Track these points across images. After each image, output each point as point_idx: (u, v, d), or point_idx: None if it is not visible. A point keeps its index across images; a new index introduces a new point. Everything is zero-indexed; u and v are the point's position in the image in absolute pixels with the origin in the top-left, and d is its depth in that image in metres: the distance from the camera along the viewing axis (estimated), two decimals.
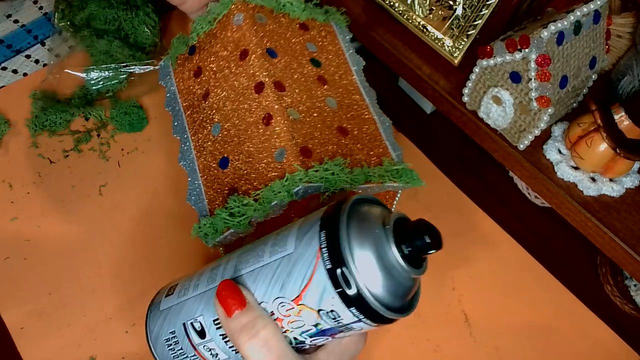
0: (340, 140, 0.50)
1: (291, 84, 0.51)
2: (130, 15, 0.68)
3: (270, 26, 0.53)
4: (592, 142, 0.47)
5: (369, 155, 0.51)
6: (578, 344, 0.56)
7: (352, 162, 0.49)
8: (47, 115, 0.65)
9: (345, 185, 0.46)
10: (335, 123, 0.51)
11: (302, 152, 0.46)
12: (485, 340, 0.55)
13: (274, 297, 0.30)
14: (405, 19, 0.58)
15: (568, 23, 0.45)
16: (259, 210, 0.45)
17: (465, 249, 0.61)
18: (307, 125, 0.49)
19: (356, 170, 0.47)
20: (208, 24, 0.55)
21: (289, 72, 0.52)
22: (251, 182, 0.47)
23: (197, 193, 0.50)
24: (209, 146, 0.52)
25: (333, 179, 0.45)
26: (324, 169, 0.45)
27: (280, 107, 0.48)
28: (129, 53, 0.67)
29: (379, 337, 0.55)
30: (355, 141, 0.51)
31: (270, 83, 0.49)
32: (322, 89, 0.53)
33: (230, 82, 0.52)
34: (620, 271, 0.60)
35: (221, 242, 0.48)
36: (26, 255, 0.58)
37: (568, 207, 0.50)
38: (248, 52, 0.51)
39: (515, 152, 0.52)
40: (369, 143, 0.52)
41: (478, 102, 0.53)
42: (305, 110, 0.50)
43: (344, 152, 0.49)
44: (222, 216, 0.46)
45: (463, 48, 0.55)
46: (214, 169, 0.50)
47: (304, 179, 0.44)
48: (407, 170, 0.51)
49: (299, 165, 0.45)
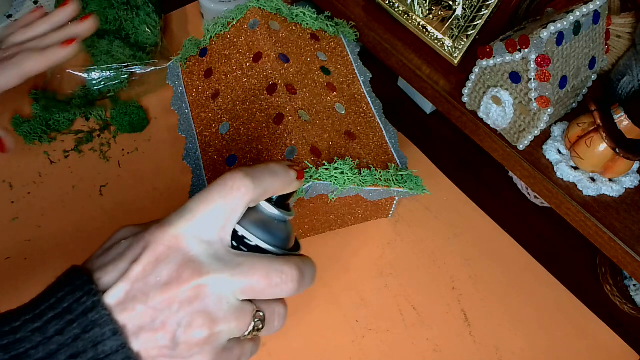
0: (348, 143, 0.51)
1: (302, 87, 0.52)
2: (131, 15, 0.68)
3: (283, 33, 0.54)
4: (591, 142, 0.47)
5: (375, 160, 0.52)
6: (577, 343, 0.56)
7: (360, 164, 0.50)
8: (51, 114, 0.66)
9: (353, 185, 0.47)
10: (343, 127, 0.52)
11: (313, 151, 0.47)
12: (485, 340, 0.55)
13: None
14: (405, 19, 0.59)
15: (567, 23, 0.45)
16: None
17: (464, 249, 0.61)
18: (317, 127, 0.50)
19: (365, 172, 0.49)
20: (222, 27, 0.57)
21: (300, 76, 0.53)
22: None
23: (200, 189, 0.50)
24: (217, 144, 0.52)
25: (342, 178, 0.46)
26: (334, 168, 0.46)
27: (292, 108, 0.49)
28: (130, 53, 0.67)
29: (378, 336, 0.55)
30: (363, 146, 0.52)
31: (283, 85, 0.51)
32: (331, 95, 0.54)
33: (242, 83, 0.53)
34: (620, 271, 0.60)
35: None
36: (26, 255, 0.58)
37: (567, 207, 0.50)
38: (262, 55, 0.52)
39: (515, 152, 0.52)
40: (376, 149, 0.53)
41: (478, 103, 0.53)
42: (315, 113, 0.51)
43: (353, 155, 0.50)
44: None
45: (463, 48, 0.55)
46: (220, 165, 0.51)
47: (315, 175, 0.45)
48: (412, 177, 0.52)
49: (310, 163, 0.46)
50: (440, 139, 0.70)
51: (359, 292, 0.57)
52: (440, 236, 0.62)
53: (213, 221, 0.27)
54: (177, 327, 0.26)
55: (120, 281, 0.26)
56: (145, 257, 0.26)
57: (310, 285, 0.30)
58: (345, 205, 0.56)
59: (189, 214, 0.27)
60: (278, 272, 0.28)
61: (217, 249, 0.27)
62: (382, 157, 0.53)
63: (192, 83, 0.58)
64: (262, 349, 0.53)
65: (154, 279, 0.26)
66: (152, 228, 0.28)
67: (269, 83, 0.51)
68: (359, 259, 0.60)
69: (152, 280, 0.26)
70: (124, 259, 0.27)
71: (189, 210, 0.28)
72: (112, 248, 0.28)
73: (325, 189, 0.47)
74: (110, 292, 0.26)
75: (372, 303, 0.57)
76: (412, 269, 0.59)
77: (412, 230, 0.62)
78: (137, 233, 0.28)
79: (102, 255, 0.28)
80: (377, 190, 0.50)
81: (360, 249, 0.60)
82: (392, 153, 0.54)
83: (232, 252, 0.28)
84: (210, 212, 0.27)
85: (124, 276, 0.26)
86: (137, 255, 0.27)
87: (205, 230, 0.27)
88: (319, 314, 0.56)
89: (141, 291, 0.26)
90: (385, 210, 0.61)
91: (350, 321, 0.55)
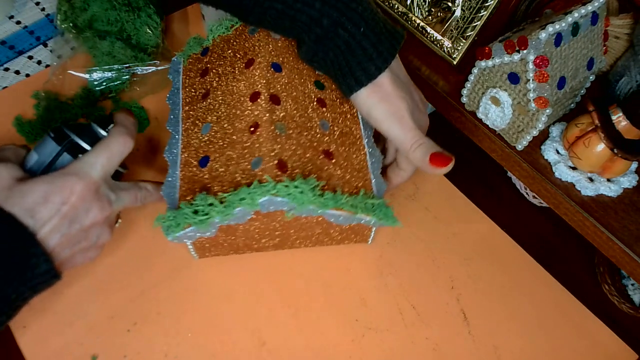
0: (322, 162, 0.50)
1: (288, 99, 0.51)
2: (132, 16, 0.69)
3: (282, 42, 0.54)
4: (589, 142, 0.47)
5: (348, 184, 0.50)
6: (576, 342, 0.56)
7: (327, 185, 0.48)
8: (52, 115, 0.66)
9: (312, 206, 0.45)
10: (322, 146, 0.51)
11: (279, 166, 0.46)
12: (484, 339, 0.56)
13: None
14: (405, 21, 0.59)
15: (566, 24, 0.45)
16: (222, 213, 0.45)
17: (463, 249, 0.61)
18: (292, 141, 0.49)
19: (328, 194, 0.47)
20: (225, 29, 0.57)
21: (289, 88, 0.52)
22: (223, 185, 0.47)
23: (172, 185, 0.50)
24: (195, 143, 0.52)
25: (301, 197, 0.44)
26: (294, 186, 0.45)
27: (269, 119, 0.49)
28: (131, 54, 0.67)
29: (378, 336, 0.55)
30: (338, 167, 0.50)
31: (267, 94, 0.50)
32: (320, 110, 0.53)
33: (230, 87, 0.53)
34: (618, 270, 0.61)
35: (181, 237, 0.48)
36: None
37: (566, 207, 0.50)
38: (254, 61, 0.52)
39: (514, 152, 0.52)
40: (353, 172, 0.51)
41: (477, 103, 0.53)
42: (294, 127, 0.50)
43: (322, 175, 0.49)
44: (185, 211, 0.47)
45: (462, 49, 0.55)
46: (193, 166, 0.51)
47: (272, 191, 0.44)
48: (382, 206, 0.50)
49: (271, 177, 0.45)
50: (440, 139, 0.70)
51: (358, 292, 0.57)
52: (440, 236, 0.62)
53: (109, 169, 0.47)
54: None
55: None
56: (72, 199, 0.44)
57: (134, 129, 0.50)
58: (318, 225, 0.54)
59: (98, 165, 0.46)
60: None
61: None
62: (357, 182, 0.51)
63: (189, 80, 0.58)
64: (261, 348, 0.53)
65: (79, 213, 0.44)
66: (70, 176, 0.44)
67: (254, 91, 0.51)
68: (359, 258, 0.60)
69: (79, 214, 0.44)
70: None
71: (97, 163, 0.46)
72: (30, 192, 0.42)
73: (284, 205, 0.45)
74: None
75: (372, 302, 0.57)
76: (412, 269, 0.60)
77: (412, 230, 0.62)
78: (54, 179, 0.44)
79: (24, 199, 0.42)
80: (343, 215, 0.48)
81: (359, 249, 0.60)
82: (371, 179, 0.51)
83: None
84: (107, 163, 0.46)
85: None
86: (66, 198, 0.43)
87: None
88: (318, 314, 0.56)
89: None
90: (364, 236, 0.59)
91: (350, 320, 0.56)
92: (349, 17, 0.44)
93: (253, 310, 0.55)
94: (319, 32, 0.46)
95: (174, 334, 0.53)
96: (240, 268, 0.58)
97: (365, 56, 0.45)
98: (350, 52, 0.45)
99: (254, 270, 0.58)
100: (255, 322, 0.55)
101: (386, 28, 0.46)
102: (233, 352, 0.53)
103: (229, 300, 0.56)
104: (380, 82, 0.46)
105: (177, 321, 0.54)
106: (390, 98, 0.46)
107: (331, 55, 0.46)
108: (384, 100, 0.46)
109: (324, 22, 0.45)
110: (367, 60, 0.45)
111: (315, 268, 0.58)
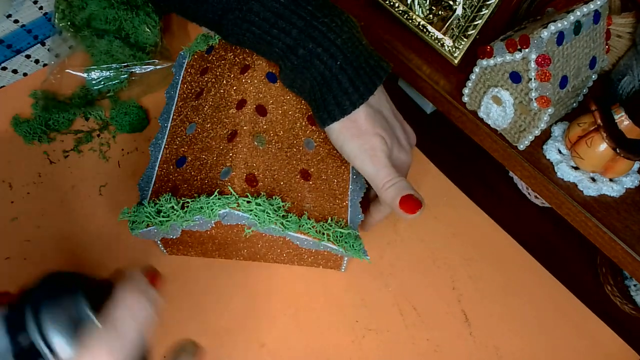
0: (297, 182, 0.48)
1: (275, 112, 0.50)
2: (130, 15, 0.68)
3: None
4: (592, 142, 0.47)
5: (320, 208, 0.49)
6: (577, 343, 0.56)
7: (295, 207, 0.47)
8: (50, 114, 0.66)
9: (274, 227, 0.44)
10: (301, 164, 0.50)
11: (248, 179, 0.45)
12: (485, 340, 0.55)
13: None
14: (405, 19, 0.58)
15: (568, 23, 0.45)
16: (182, 218, 0.45)
17: (464, 249, 0.61)
18: (269, 155, 0.48)
19: (291, 216, 0.45)
20: None
21: (280, 100, 0.51)
22: (190, 190, 0.47)
23: (147, 180, 0.50)
24: (178, 142, 0.52)
25: (262, 216, 0.44)
26: (256, 203, 0.44)
27: (249, 129, 0.48)
28: (130, 53, 0.67)
29: (378, 337, 0.55)
30: (313, 189, 0.49)
31: (253, 104, 0.49)
32: (308, 128, 0.52)
33: (222, 91, 0.52)
34: (620, 271, 0.60)
35: (145, 234, 0.48)
36: (26, 255, 0.58)
37: (568, 207, 0.50)
38: (249, 68, 0.51)
39: (515, 152, 0.52)
40: (329, 197, 0.50)
41: (478, 102, 0.53)
42: (275, 141, 0.49)
43: (293, 196, 0.47)
44: (147, 210, 0.46)
45: (463, 48, 0.55)
46: (171, 164, 0.50)
47: (232, 204, 0.43)
48: (351, 237, 0.48)
49: (236, 190, 0.44)
50: (440, 139, 0.70)
51: (359, 292, 0.57)
52: (440, 236, 0.62)
53: None
54: None
55: None
56: None
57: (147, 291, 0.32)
58: (286, 245, 0.53)
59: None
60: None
61: None
62: (330, 209, 0.49)
63: (189, 77, 0.58)
64: (261, 349, 0.53)
65: None
66: None
67: (241, 98, 0.50)
68: (359, 259, 0.59)
69: None
70: None
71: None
72: None
73: (243, 220, 0.45)
74: None
75: (372, 303, 0.57)
76: (412, 269, 0.59)
77: (412, 230, 0.62)
78: None
79: None
80: (307, 239, 0.47)
81: None
82: (347, 206, 0.50)
83: None
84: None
85: None
86: None
87: None
88: (319, 314, 0.55)
89: None
90: (337, 262, 0.57)
91: (350, 321, 0.55)
92: (325, 48, 0.43)
93: (253, 311, 0.55)
94: (295, 61, 0.44)
95: (172, 337, 0.53)
96: (240, 268, 0.58)
97: (340, 90, 0.44)
98: (326, 85, 0.44)
99: (254, 271, 0.57)
100: (255, 323, 0.54)
101: (368, 62, 0.45)
102: (232, 354, 0.53)
103: (228, 300, 0.56)
104: (355, 118, 0.44)
105: (176, 323, 0.54)
106: (364, 135, 0.44)
107: (308, 85, 0.45)
108: (357, 137, 0.44)
109: (299, 51, 0.44)
110: (342, 94, 0.44)
111: (315, 268, 0.58)
